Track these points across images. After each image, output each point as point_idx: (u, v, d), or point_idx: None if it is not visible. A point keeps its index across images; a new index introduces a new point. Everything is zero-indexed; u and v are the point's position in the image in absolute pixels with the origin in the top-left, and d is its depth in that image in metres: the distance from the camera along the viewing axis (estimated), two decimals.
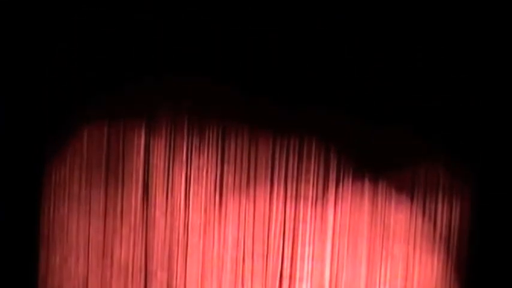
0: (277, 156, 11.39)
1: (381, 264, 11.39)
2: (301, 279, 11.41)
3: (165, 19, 11.10)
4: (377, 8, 10.77)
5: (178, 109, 11.42)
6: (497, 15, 10.53)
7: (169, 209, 11.51)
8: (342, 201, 11.39)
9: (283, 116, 11.24)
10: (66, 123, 11.44)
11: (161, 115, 11.43)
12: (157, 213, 11.50)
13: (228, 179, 11.45)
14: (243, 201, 11.48)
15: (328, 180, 11.37)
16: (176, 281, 11.51)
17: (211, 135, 11.43)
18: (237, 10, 11.01)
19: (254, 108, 11.28)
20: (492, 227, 10.88)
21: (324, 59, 11.04)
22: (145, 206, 11.52)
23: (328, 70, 11.06)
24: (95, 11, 11.07)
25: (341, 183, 11.36)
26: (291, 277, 11.46)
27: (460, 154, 10.99)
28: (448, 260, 11.25)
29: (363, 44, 10.90)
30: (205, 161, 11.45)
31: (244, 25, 11.06)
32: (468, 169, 11.06)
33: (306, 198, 11.37)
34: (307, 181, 11.36)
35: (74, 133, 11.51)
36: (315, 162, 11.35)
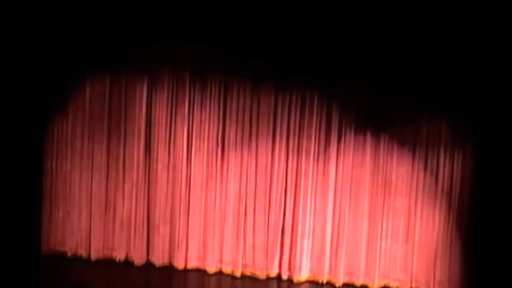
0: (279, 110, 11.40)
1: (382, 218, 11.43)
2: (303, 234, 11.46)
3: None
4: None
5: (181, 64, 11.41)
6: None
7: (171, 164, 11.55)
8: (343, 156, 11.41)
9: (285, 73, 11.23)
10: (68, 78, 11.44)
11: (163, 70, 11.43)
12: (160, 167, 11.53)
13: (230, 133, 11.48)
14: (245, 155, 11.51)
15: (330, 135, 11.38)
16: (178, 234, 11.59)
17: (213, 90, 11.42)
18: None
19: (256, 64, 11.24)
20: (494, 181, 10.87)
21: (327, 20, 10.91)
22: (147, 161, 11.57)
23: (329, 29, 10.93)
24: None
25: (343, 138, 11.37)
26: (293, 231, 11.52)
27: (462, 109, 10.95)
28: (450, 213, 11.28)
29: (367, 5, 10.83)
30: (207, 116, 11.46)
31: None
32: (470, 124, 11.03)
33: (307, 153, 11.38)
34: (309, 136, 11.37)
35: (76, 88, 11.51)
36: (316, 117, 11.35)
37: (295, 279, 11.48)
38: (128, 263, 11.66)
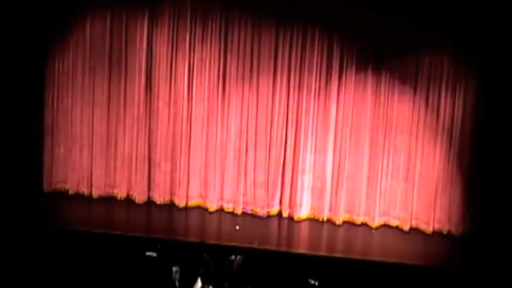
0: (280, 46, 11.33)
1: (383, 155, 11.42)
2: (303, 170, 11.49)
3: None
4: None
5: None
6: None
7: (172, 100, 11.52)
8: (344, 92, 11.36)
9: (287, 6, 11.15)
10: (69, 11, 11.35)
11: (164, 5, 11.33)
12: (161, 103, 11.51)
13: (231, 69, 11.43)
14: (246, 91, 11.48)
15: (331, 71, 11.32)
16: (179, 171, 11.62)
17: (214, 25, 11.34)
18: None
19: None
20: (495, 117, 10.82)
21: None
22: (148, 97, 11.54)
23: None
24: None
25: (344, 74, 11.31)
26: (294, 167, 11.54)
27: (464, 42, 10.83)
28: (450, 150, 11.25)
29: None
30: (209, 52, 11.41)
31: None
32: (472, 58, 10.93)
33: (308, 89, 11.34)
34: (310, 71, 11.31)
35: (77, 22, 11.43)
36: (318, 53, 11.28)
37: (295, 217, 11.52)
38: (129, 200, 11.71)
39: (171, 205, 11.67)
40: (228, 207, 11.64)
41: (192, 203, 11.70)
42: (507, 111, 10.67)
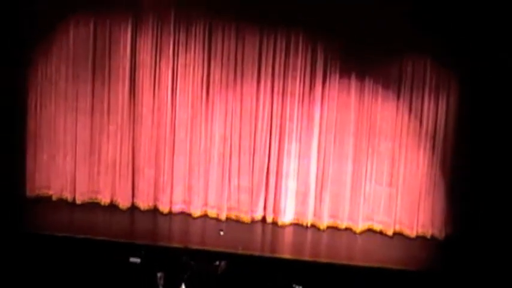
0: (264, 52, 11.36)
1: (367, 161, 11.47)
2: (287, 176, 11.51)
3: None
4: None
5: (165, 5, 11.32)
6: None
7: (156, 106, 11.51)
8: (328, 99, 11.40)
9: (270, 11, 11.17)
10: (52, 19, 11.31)
11: (147, 11, 11.32)
12: (144, 110, 11.50)
13: (215, 75, 11.43)
14: (230, 97, 11.49)
15: (315, 77, 11.36)
16: (163, 177, 11.60)
17: (198, 32, 11.36)
18: None
19: (241, 3, 11.24)
20: (478, 123, 10.92)
21: None
22: (132, 103, 11.52)
23: None
24: None
25: (328, 80, 11.35)
26: (278, 173, 11.56)
27: (446, 49, 10.90)
28: (434, 156, 11.32)
29: None
30: (192, 58, 11.41)
31: None
32: (454, 64, 11.01)
33: (292, 95, 11.38)
34: (294, 78, 11.36)
35: (60, 30, 11.39)
36: (301, 59, 11.32)
37: (279, 222, 11.53)
38: (112, 206, 11.67)
39: (154, 211, 11.63)
40: (212, 212, 11.62)
41: (176, 209, 11.65)
42: (489, 117, 10.79)
